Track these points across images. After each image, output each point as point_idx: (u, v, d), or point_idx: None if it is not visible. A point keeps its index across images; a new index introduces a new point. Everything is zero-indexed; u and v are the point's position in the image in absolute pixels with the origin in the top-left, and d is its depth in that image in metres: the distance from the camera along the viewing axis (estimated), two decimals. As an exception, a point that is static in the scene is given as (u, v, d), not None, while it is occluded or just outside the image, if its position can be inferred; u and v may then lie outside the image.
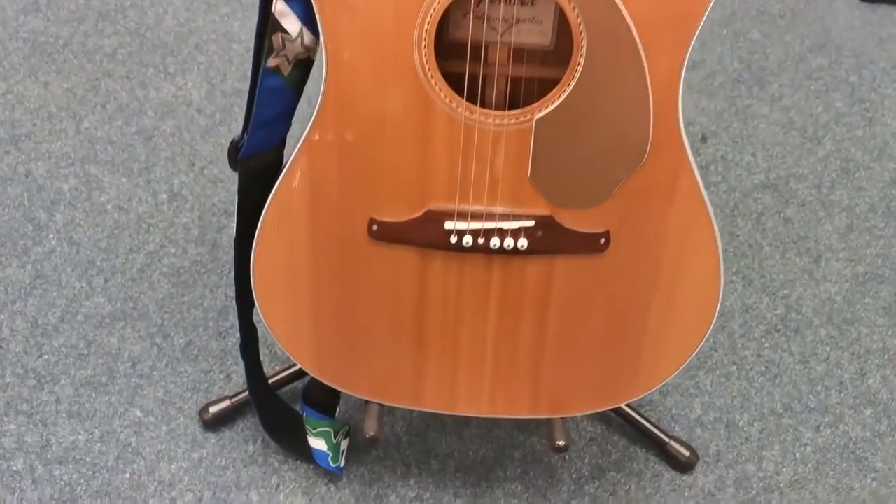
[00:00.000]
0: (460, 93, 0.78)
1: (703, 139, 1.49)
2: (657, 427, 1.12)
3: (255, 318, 0.97)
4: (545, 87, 0.78)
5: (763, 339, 1.25)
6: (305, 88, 0.82)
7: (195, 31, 1.59)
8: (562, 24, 0.80)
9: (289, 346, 0.93)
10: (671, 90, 0.77)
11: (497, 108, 0.79)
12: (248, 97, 0.81)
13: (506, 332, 0.90)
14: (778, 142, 1.50)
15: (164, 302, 1.23)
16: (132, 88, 1.50)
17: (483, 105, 0.78)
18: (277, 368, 1.15)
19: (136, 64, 1.54)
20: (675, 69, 0.76)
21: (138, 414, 1.12)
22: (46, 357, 1.18)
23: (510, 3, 0.80)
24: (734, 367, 1.22)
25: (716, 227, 0.85)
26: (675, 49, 0.75)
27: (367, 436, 0.94)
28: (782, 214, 1.40)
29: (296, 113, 0.84)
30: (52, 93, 1.48)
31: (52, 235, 1.30)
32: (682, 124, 0.79)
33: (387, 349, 0.91)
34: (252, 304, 0.91)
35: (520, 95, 0.80)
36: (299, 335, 0.92)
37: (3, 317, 1.21)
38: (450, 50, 0.79)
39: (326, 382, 0.95)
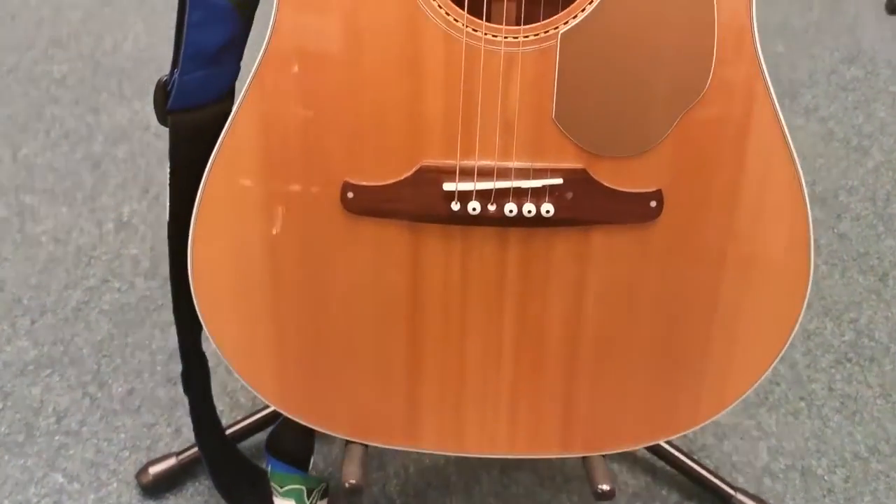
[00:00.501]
0: (460, 3, 0.59)
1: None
2: (718, 477, 0.89)
3: (203, 337, 0.76)
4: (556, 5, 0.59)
5: (833, 370, 1.04)
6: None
7: (156, 58, 1.42)
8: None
9: (242, 368, 0.71)
10: (740, -11, 0.58)
11: (509, 23, 0.60)
12: (177, 17, 0.61)
13: (528, 337, 0.68)
14: (819, 153, 1.32)
15: (103, 344, 1.01)
16: (81, 114, 1.32)
17: (490, 20, 0.59)
18: (238, 417, 0.92)
19: (88, 89, 1.36)
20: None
21: (60, 480, 0.89)
22: (-46, 413, 0.95)
23: None
24: (803, 404, 1.00)
25: (802, 181, 0.64)
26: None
27: (347, 485, 0.71)
28: (836, 230, 1.21)
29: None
30: (-11, 121, 1.30)
31: (-28, 274, 1.09)
32: (756, 35, 0.60)
33: (371, 367, 0.70)
34: (194, 314, 0.69)
35: (538, 5, 0.61)
36: (256, 352, 0.70)
37: None
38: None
39: (293, 417, 0.72)
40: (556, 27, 0.59)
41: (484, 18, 0.59)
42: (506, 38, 0.59)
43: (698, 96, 0.60)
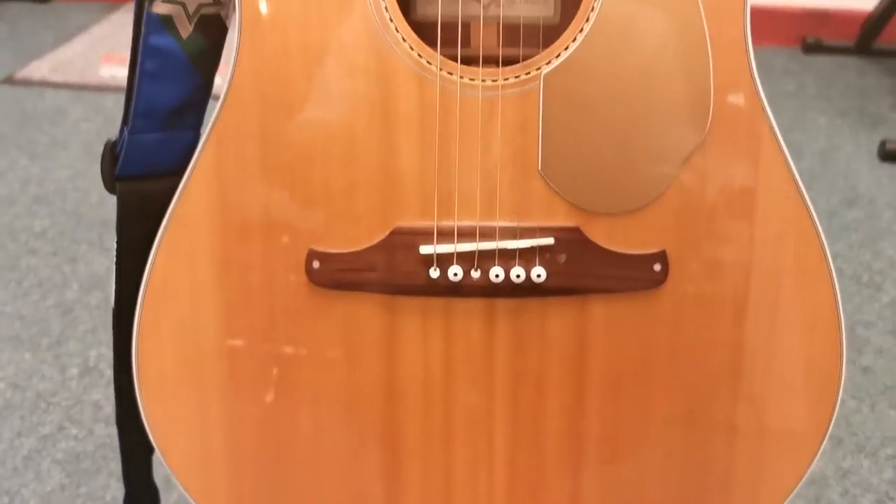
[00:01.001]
0: (434, 44, 0.54)
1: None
2: None
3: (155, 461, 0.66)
4: (555, 29, 0.55)
5: (876, 510, 0.91)
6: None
7: (142, 213, 1.39)
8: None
9: (192, 486, 0.60)
10: (736, 24, 0.53)
11: (487, 64, 0.55)
12: (129, 65, 0.56)
13: (524, 436, 0.58)
14: (832, 290, 1.25)
15: (52, 496, 0.90)
16: (58, 264, 1.26)
17: (467, 62, 0.55)
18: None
19: (68, 241, 1.31)
20: (737, -8, 0.53)
21: None
22: None
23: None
24: (847, 547, 0.87)
25: (824, 243, 0.57)
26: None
27: None
28: (857, 363, 1.12)
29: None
30: (-40, 272, 1.24)
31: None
32: (755, 74, 0.55)
33: (343, 479, 0.59)
34: (138, 418, 0.60)
35: (519, 43, 0.56)
36: (209, 464, 0.60)
37: None
38: None
39: (251, 543, 0.61)
40: (539, 67, 0.54)
41: (458, 60, 0.55)
42: (483, 80, 0.54)
43: (699, 140, 0.55)
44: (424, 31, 0.55)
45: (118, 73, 1.83)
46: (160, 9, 0.54)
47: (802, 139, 1.67)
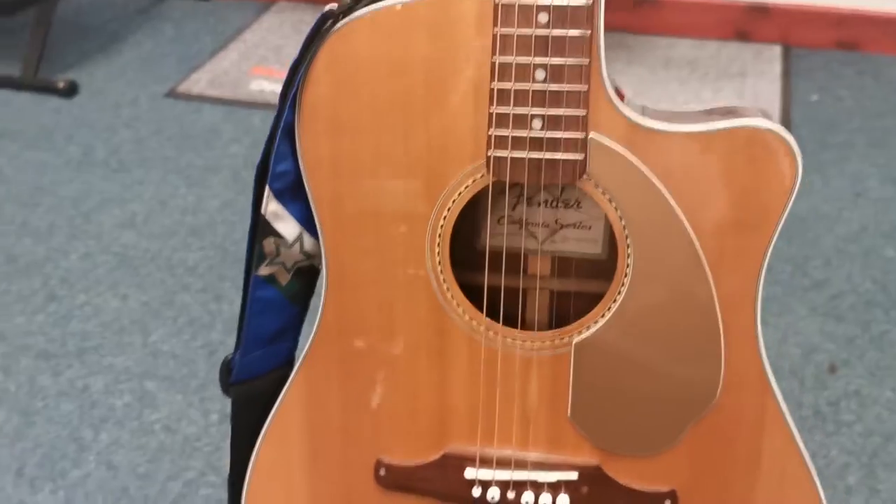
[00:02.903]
0: (485, 309, 0.64)
1: (832, 369, 1.27)
2: None
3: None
4: (586, 303, 0.63)
5: None
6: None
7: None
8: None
9: None
10: (745, 311, 0.60)
11: (527, 328, 0.64)
12: (240, 310, 0.70)
13: None
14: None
15: (194, 539, 1.09)
16: (206, 302, 1.45)
17: (510, 324, 0.64)
18: None
19: (215, 277, 1.49)
20: (750, 285, 0.60)
21: None
22: None
23: (551, 205, 0.67)
24: None
25: (820, 492, 0.64)
26: (748, 261, 0.60)
27: None
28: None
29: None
30: (128, 306, 1.45)
31: (92, 458, 1.20)
32: (763, 354, 0.62)
33: None
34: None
35: (555, 313, 0.66)
36: None
37: (21, 548, 1.10)
38: (476, 260, 0.66)
39: None
40: (571, 335, 0.63)
41: (501, 322, 0.64)
42: (523, 342, 0.64)
43: (709, 407, 0.62)
44: (478, 295, 0.64)
45: (266, 87, 1.98)
46: (264, 272, 0.66)
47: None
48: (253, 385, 0.72)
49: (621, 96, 0.59)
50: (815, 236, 1.50)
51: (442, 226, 0.61)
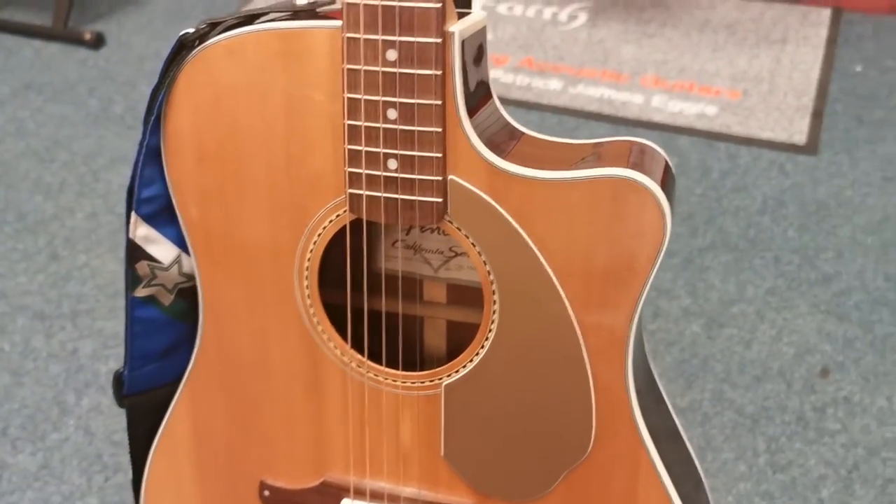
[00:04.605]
0: (349, 343, 0.62)
1: (824, 373, 1.21)
2: None
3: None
4: (459, 344, 0.61)
5: None
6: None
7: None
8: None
9: None
10: (615, 362, 0.57)
11: (397, 365, 0.62)
12: (125, 325, 0.69)
13: None
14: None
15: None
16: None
17: (384, 362, 0.62)
18: None
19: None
20: (619, 336, 0.56)
21: None
22: (22, 561, 1.09)
23: (442, 233, 0.64)
24: None
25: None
26: (617, 312, 0.56)
27: None
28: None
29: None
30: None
31: (72, 422, 1.24)
32: (635, 407, 0.58)
33: None
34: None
35: (426, 353, 0.63)
36: None
37: (-2, 508, 1.15)
38: (352, 286, 0.64)
39: None
40: (441, 378, 0.61)
41: (367, 358, 0.61)
42: (394, 381, 0.62)
43: (580, 459, 0.59)
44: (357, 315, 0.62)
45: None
46: (141, 293, 0.65)
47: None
48: (147, 397, 0.71)
49: (487, 98, 0.55)
50: (831, 226, 1.42)
51: (309, 259, 0.59)
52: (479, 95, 0.55)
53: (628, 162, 0.53)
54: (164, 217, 0.62)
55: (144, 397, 0.71)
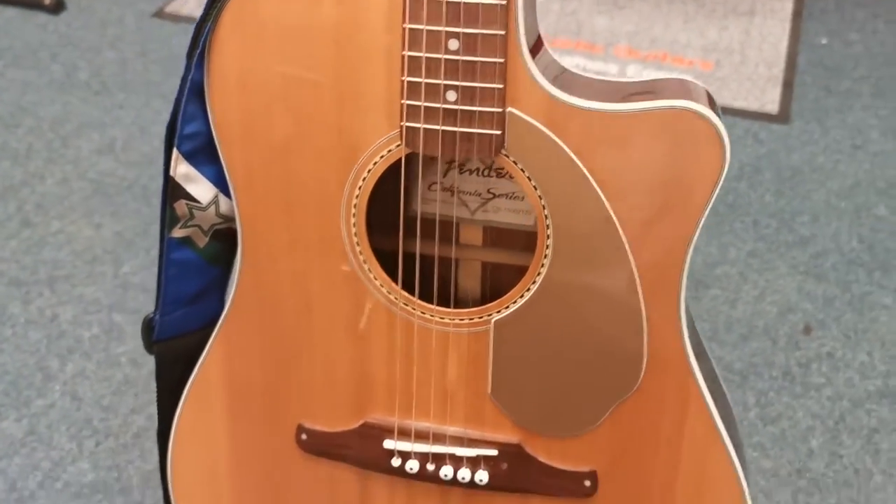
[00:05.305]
0: (400, 282, 0.62)
1: (807, 330, 1.24)
2: None
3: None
4: (509, 280, 0.61)
5: None
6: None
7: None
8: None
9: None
10: (669, 295, 0.58)
11: (457, 301, 0.62)
12: (158, 269, 0.68)
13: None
14: (908, 338, 1.24)
15: (151, 475, 1.10)
16: (181, 234, 1.44)
17: (437, 296, 0.62)
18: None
19: (192, 209, 1.48)
20: (674, 270, 0.57)
21: None
22: (13, 528, 1.06)
23: (483, 174, 0.64)
24: None
25: (742, 478, 0.63)
26: (672, 246, 0.57)
27: None
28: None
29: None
30: (101, 235, 1.43)
31: (57, 387, 1.21)
32: (686, 338, 0.59)
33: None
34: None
35: (486, 286, 0.63)
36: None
37: (-16, 475, 1.12)
38: (401, 228, 0.64)
39: None
40: (490, 314, 0.61)
41: (416, 295, 0.61)
42: (442, 318, 0.62)
43: (630, 391, 0.60)
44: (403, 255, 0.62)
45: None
46: (178, 234, 0.64)
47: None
48: (176, 343, 0.70)
49: (540, 45, 0.55)
50: (806, 190, 1.45)
51: (357, 196, 0.59)
52: (535, 33, 0.55)
53: (682, 96, 0.54)
54: (203, 155, 0.61)
55: (173, 343, 0.70)
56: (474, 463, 0.64)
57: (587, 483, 0.64)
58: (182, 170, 0.61)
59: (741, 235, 1.38)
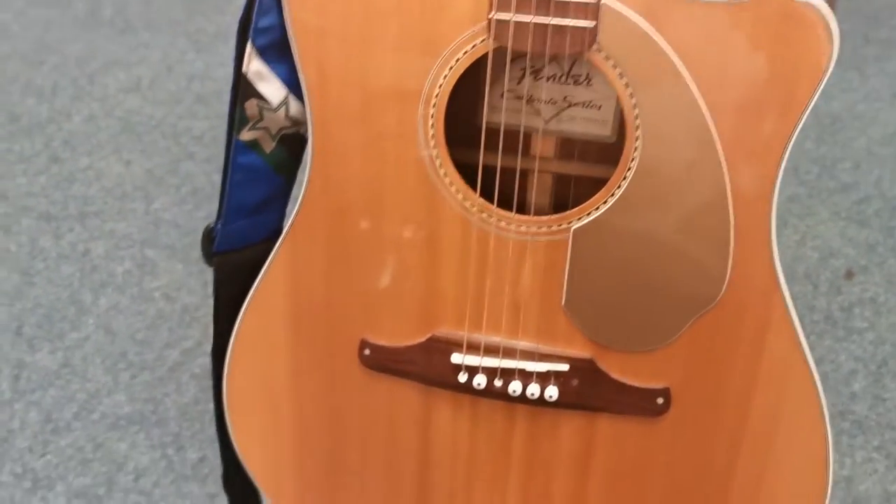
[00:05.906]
0: (479, 189, 0.60)
1: (849, 275, 1.23)
2: None
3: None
4: (589, 189, 0.59)
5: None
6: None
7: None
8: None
9: (266, 486, 0.75)
10: (760, 205, 0.56)
11: (524, 212, 0.60)
12: (222, 177, 0.66)
13: (533, 504, 0.68)
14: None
15: (187, 408, 1.09)
16: (210, 172, 1.41)
17: (508, 207, 0.60)
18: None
19: (221, 147, 1.45)
20: (768, 178, 0.55)
21: (126, 539, 0.97)
22: (49, 457, 1.05)
23: (559, 81, 0.62)
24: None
25: (822, 400, 0.61)
26: (768, 150, 0.55)
27: None
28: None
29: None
30: (131, 172, 1.42)
31: (91, 321, 1.20)
32: (775, 253, 0.57)
33: (383, 506, 0.72)
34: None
35: (556, 197, 0.61)
36: (278, 474, 0.74)
37: (18, 406, 1.10)
38: (474, 137, 0.62)
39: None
40: (570, 222, 0.59)
41: (496, 204, 0.60)
42: (519, 226, 0.60)
43: (711, 304, 0.59)
44: (475, 164, 0.60)
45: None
46: (246, 136, 0.62)
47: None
48: (236, 255, 0.69)
49: None
50: (847, 137, 1.43)
51: (437, 96, 0.57)
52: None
53: (786, -10, 0.52)
54: (276, 52, 0.59)
55: (233, 256, 0.68)
56: (544, 378, 0.63)
57: (660, 400, 0.62)
58: (255, 66, 0.59)
59: (782, 180, 1.36)
